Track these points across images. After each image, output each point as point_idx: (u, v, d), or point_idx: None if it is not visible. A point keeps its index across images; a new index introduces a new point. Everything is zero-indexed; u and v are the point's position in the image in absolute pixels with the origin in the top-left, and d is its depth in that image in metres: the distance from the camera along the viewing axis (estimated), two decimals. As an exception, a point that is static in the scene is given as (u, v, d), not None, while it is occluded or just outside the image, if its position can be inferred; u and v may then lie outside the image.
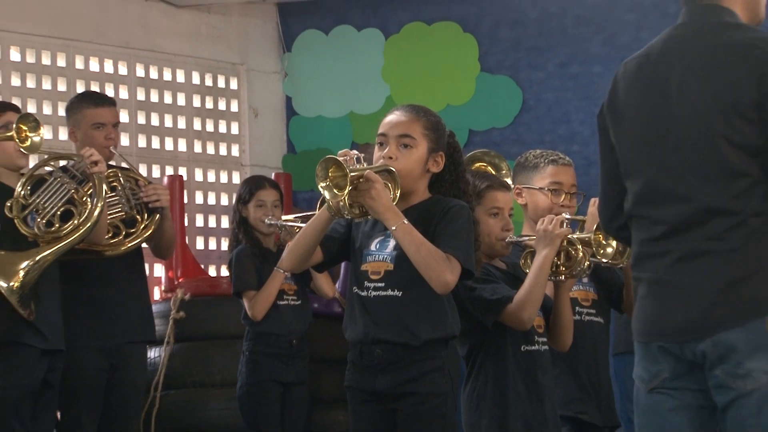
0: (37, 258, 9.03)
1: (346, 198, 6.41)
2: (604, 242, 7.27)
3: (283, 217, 9.50)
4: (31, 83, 11.23)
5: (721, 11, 5.60)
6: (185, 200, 11.54)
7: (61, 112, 10.15)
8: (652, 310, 5.52)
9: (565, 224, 7.11)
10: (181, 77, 12.21)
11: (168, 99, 12.00)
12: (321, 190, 6.35)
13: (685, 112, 5.54)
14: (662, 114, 5.65)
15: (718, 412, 5.32)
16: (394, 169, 6.49)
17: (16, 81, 11.12)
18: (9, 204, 8.81)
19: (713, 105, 5.38)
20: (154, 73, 11.93)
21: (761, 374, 5.33)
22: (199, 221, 12.20)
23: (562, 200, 7.51)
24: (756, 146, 5.31)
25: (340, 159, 6.34)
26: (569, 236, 7.07)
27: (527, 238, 7.14)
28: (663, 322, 5.43)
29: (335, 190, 6.36)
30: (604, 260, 7.25)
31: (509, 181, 7.90)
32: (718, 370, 5.26)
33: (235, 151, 12.56)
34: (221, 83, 12.42)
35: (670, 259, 5.42)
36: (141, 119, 11.77)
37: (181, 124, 12.17)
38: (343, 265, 7.65)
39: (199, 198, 12.28)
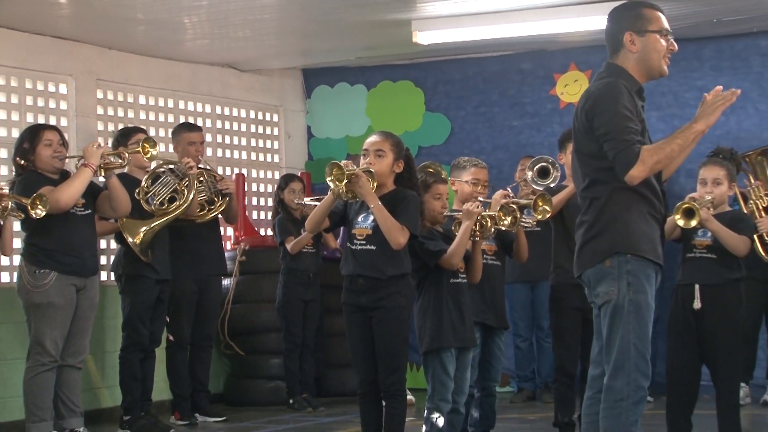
0: (152, 225, 9.34)
1: (344, 187, 6.72)
2: (503, 217, 7.27)
3: (305, 199, 10.23)
4: (152, 117, 11.51)
5: (612, 67, 5.63)
6: (245, 188, 12.08)
7: (169, 134, 10.83)
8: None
9: (479, 206, 7.25)
10: (243, 114, 12.69)
11: (235, 127, 12.59)
12: (328, 182, 6.75)
13: (574, 134, 5.68)
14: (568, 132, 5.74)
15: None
16: (373, 171, 6.83)
17: (143, 116, 11.44)
18: (137, 191, 9.24)
19: (577, 128, 5.58)
20: (227, 111, 12.44)
21: (603, 294, 5.46)
22: (254, 201, 12.65)
23: (479, 190, 7.66)
24: (593, 152, 5.50)
25: (341, 163, 6.74)
26: (482, 213, 7.22)
27: (456, 213, 7.39)
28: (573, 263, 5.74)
29: (337, 182, 6.70)
30: (503, 228, 7.39)
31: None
32: (587, 292, 5.60)
33: (276, 158, 13.12)
34: (268, 117, 13.00)
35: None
36: (219, 138, 12.31)
37: (243, 142, 12.72)
38: (342, 228, 7.64)
39: (254, 187, 12.70)
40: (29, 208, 8.11)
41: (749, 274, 7.98)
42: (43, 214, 8.11)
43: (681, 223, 7.45)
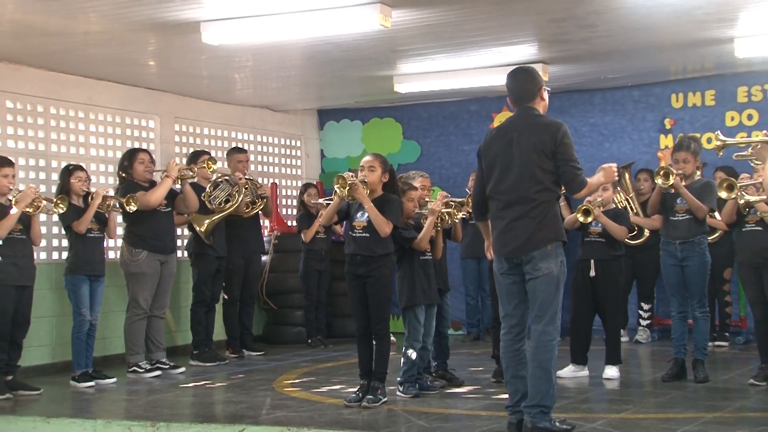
0: (213, 218, 9.31)
1: (346, 192, 6.65)
2: (455, 214, 7.28)
3: (320, 200, 9.88)
4: (213, 143, 11.23)
5: (532, 110, 5.61)
6: (277, 193, 11.75)
7: (224, 155, 10.70)
8: (499, 242, 5.56)
9: (439, 205, 7.12)
10: (275, 140, 12.37)
11: (270, 150, 12.31)
12: (335, 189, 6.69)
13: (518, 150, 5.49)
14: (506, 151, 5.52)
15: (526, 284, 5.50)
16: (366, 181, 6.74)
17: (207, 142, 11.13)
18: (203, 195, 9.23)
19: (532, 147, 5.46)
20: (264, 139, 12.09)
21: (545, 269, 5.40)
22: (283, 202, 12.26)
23: (425, 192, 7.49)
24: (549, 169, 5.46)
25: (344, 175, 6.73)
26: (442, 210, 7.16)
27: (425, 210, 7.30)
28: (506, 247, 5.50)
29: (342, 189, 6.65)
30: (455, 220, 7.34)
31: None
32: (528, 267, 5.46)
33: (299, 172, 12.66)
34: (292, 143, 12.65)
35: (506, 221, 5.52)
36: (259, 158, 12.03)
37: (276, 160, 12.38)
38: (345, 222, 7.51)
39: (283, 192, 12.33)
40: (125, 204, 8.22)
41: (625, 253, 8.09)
42: (135, 209, 8.24)
43: (581, 218, 7.58)
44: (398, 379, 6.99)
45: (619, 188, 9.16)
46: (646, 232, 9.72)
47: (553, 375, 5.45)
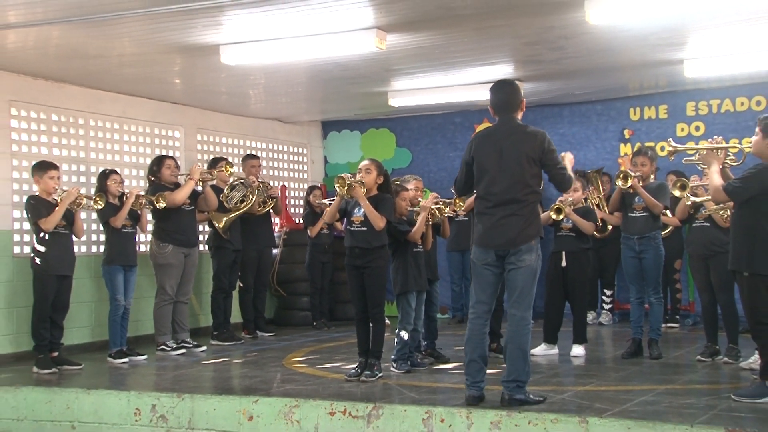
0: (230, 216, 9.23)
1: (346, 192, 6.62)
2: (444, 210, 7.23)
3: (324, 200, 9.50)
4: (230, 150, 11.16)
5: (516, 119, 5.60)
6: (286, 194, 11.75)
7: (240, 160, 10.52)
8: (488, 236, 5.47)
9: (430, 203, 7.08)
10: (284, 148, 12.29)
11: (280, 156, 12.24)
12: (336, 188, 6.64)
13: (509, 157, 5.46)
14: (496, 156, 5.48)
15: (507, 273, 5.48)
16: (364, 182, 6.70)
17: (225, 149, 11.00)
18: (222, 195, 9.16)
19: (522, 155, 5.46)
20: (275, 147, 12.01)
21: (527, 260, 5.38)
22: (292, 202, 12.12)
23: (418, 193, 7.37)
24: (536, 174, 5.51)
25: (344, 176, 6.67)
26: (432, 207, 7.11)
27: (417, 208, 7.21)
28: (496, 241, 5.45)
29: (342, 188, 6.60)
30: (443, 216, 7.30)
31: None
32: (513, 258, 5.43)
33: (305, 176, 12.65)
34: (299, 150, 12.57)
35: (496, 218, 5.46)
36: (271, 164, 11.96)
37: (285, 165, 12.30)
38: (345, 219, 7.47)
39: (292, 193, 12.23)
40: (155, 202, 8.25)
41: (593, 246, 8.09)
42: (164, 206, 8.26)
43: (554, 216, 7.58)
44: (392, 356, 6.97)
45: (591, 188, 9.16)
46: (609, 227, 9.64)
47: (528, 354, 5.45)
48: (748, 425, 4.67)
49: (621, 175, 7.40)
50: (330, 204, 7.05)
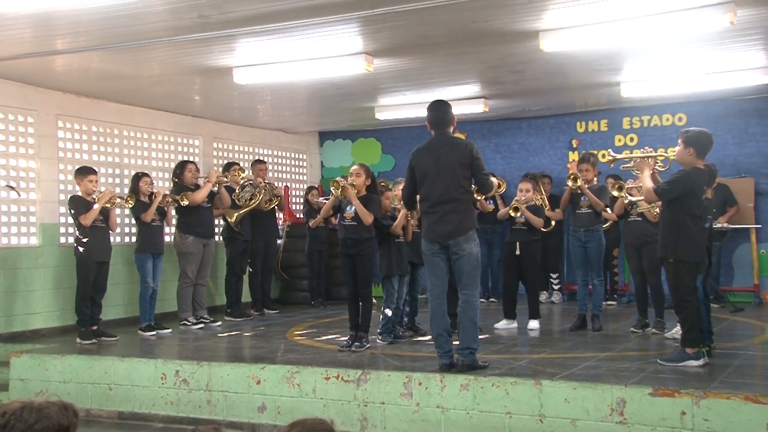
0: (241, 212, 9.14)
1: (339, 192, 6.59)
2: (415, 214, 6.91)
3: (320, 199, 9.49)
4: (242, 156, 11.01)
5: (447, 133, 5.57)
6: (289, 193, 11.60)
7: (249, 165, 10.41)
8: (432, 230, 5.43)
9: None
10: (287, 154, 12.10)
11: (284, 161, 11.99)
12: (332, 189, 6.63)
13: (445, 164, 5.43)
14: (434, 164, 5.44)
15: (452, 262, 5.45)
16: (354, 184, 6.66)
17: (237, 156, 10.90)
18: (234, 194, 9.03)
19: (455, 161, 5.42)
20: (281, 154, 11.85)
21: (467, 249, 5.34)
22: (293, 200, 11.88)
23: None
24: (468, 176, 5.45)
25: (338, 179, 6.61)
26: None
27: (398, 206, 7.06)
28: (439, 233, 5.41)
29: (336, 190, 6.59)
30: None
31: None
32: (455, 248, 5.39)
33: (304, 177, 12.43)
34: (300, 156, 12.36)
35: (438, 215, 5.43)
36: (276, 168, 11.68)
37: (288, 169, 12.10)
38: (338, 215, 7.37)
39: (293, 192, 11.99)
40: (180, 200, 8.20)
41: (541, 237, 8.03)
42: (186, 204, 8.20)
43: (512, 213, 7.58)
44: (378, 330, 6.92)
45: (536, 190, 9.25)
46: (553, 222, 9.58)
47: (478, 326, 5.45)
48: (670, 384, 4.73)
49: (571, 177, 7.43)
50: (325, 202, 7.01)
